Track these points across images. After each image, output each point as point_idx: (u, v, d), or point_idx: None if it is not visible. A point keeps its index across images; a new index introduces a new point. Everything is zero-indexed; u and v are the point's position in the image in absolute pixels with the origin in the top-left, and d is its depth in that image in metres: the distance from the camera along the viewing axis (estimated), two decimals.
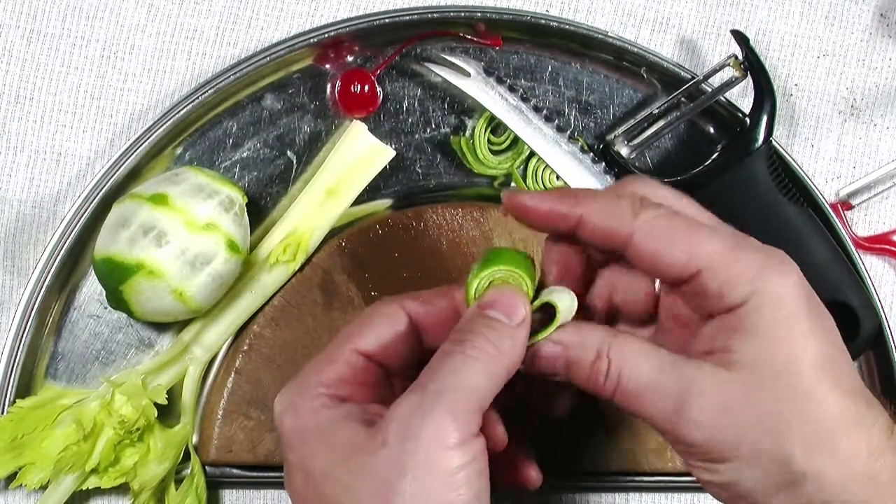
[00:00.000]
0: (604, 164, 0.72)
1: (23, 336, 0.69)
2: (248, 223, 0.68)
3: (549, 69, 0.73)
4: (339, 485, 0.50)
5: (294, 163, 0.72)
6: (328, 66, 0.72)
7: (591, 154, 0.72)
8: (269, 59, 0.70)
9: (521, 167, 0.73)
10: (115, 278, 0.65)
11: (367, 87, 0.71)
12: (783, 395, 0.50)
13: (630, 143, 0.72)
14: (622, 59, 0.73)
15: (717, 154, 0.70)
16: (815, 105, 0.75)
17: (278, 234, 0.70)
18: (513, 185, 0.72)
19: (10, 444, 0.66)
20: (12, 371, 0.68)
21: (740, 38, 0.70)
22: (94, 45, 0.72)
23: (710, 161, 0.70)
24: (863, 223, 0.75)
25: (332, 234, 0.71)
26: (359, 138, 0.70)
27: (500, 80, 0.72)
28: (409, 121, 0.72)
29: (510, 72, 0.73)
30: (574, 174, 0.72)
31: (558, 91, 0.73)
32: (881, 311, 0.71)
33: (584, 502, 0.73)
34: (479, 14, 0.71)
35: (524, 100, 0.72)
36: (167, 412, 0.69)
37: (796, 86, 0.75)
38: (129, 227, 0.64)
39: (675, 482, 0.72)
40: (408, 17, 0.71)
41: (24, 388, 0.69)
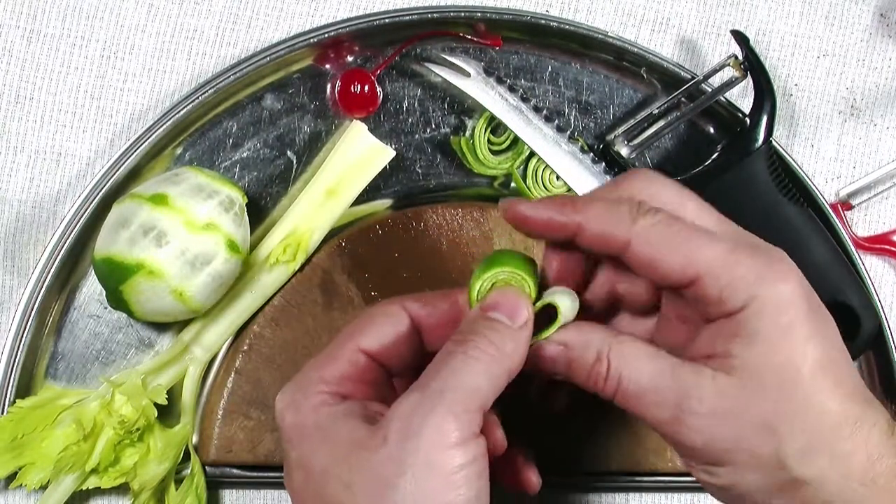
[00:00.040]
0: (604, 164, 0.72)
1: (23, 336, 0.69)
2: (248, 223, 0.68)
3: (549, 69, 0.73)
4: (339, 482, 0.50)
5: (294, 163, 0.72)
6: (328, 66, 0.72)
7: (591, 154, 0.72)
8: (269, 59, 0.70)
9: (521, 167, 0.73)
10: (115, 278, 0.65)
11: (367, 87, 0.71)
12: (783, 400, 0.50)
13: (630, 143, 0.72)
14: (622, 59, 0.73)
15: (717, 154, 0.70)
16: (815, 105, 0.75)
17: (278, 234, 0.70)
18: (513, 185, 0.72)
19: (10, 444, 0.66)
20: (12, 371, 0.68)
21: (740, 38, 0.70)
22: (94, 45, 0.72)
23: (710, 161, 0.70)
24: (863, 223, 0.75)
25: (332, 234, 0.71)
26: (359, 138, 0.70)
27: (500, 80, 0.72)
28: (409, 121, 0.72)
29: (510, 72, 0.73)
30: (574, 174, 0.72)
31: (558, 91, 0.73)
32: (881, 311, 0.71)
33: (584, 502, 0.73)
34: (479, 14, 0.71)
35: (524, 100, 0.72)
36: (167, 412, 0.69)
37: (796, 86, 0.74)
38: (129, 227, 0.64)
39: (675, 482, 0.72)
40: (408, 17, 0.71)
41: (24, 388, 0.69)
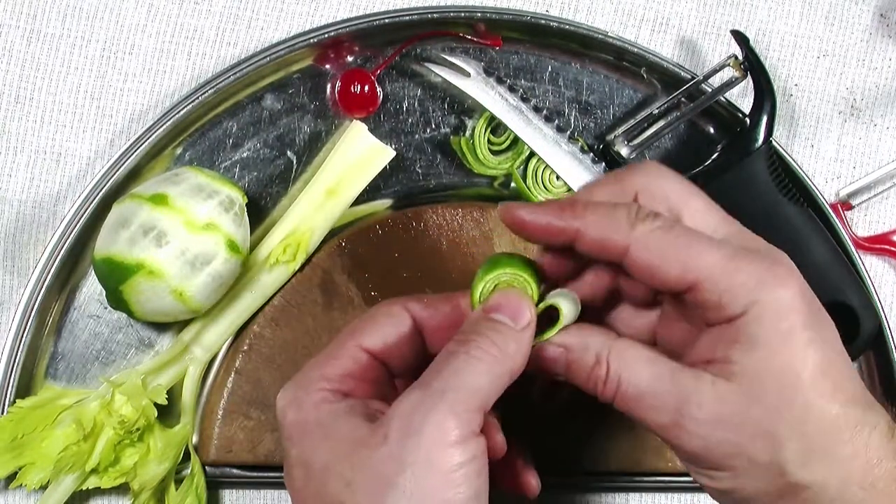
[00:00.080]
0: (604, 164, 0.72)
1: (23, 336, 0.69)
2: (248, 223, 0.68)
3: (549, 69, 0.73)
4: (340, 480, 0.50)
5: (294, 163, 0.72)
6: (328, 66, 0.72)
7: (591, 154, 0.72)
8: (269, 59, 0.70)
9: (521, 167, 0.73)
10: (115, 278, 0.65)
11: (367, 87, 0.71)
12: (783, 405, 0.50)
13: (630, 143, 0.72)
14: (622, 59, 0.73)
15: (717, 154, 0.70)
16: (815, 105, 0.75)
17: (278, 234, 0.70)
18: (513, 185, 0.72)
19: (10, 444, 0.66)
20: (12, 371, 0.68)
21: (740, 38, 0.70)
22: (94, 45, 0.72)
23: (710, 161, 0.70)
24: (863, 223, 0.75)
25: (332, 234, 0.71)
26: (359, 138, 0.70)
27: (500, 80, 0.72)
28: (409, 121, 0.72)
29: (510, 72, 0.73)
30: (574, 174, 0.72)
31: (558, 91, 0.73)
32: (881, 311, 0.71)
33: (584, 502, 0.73)
34: (479, 14, 0.71)
35: (524, 100, 0.72)
36: (167, 412, 0.69)
37: (796, 86, 0.74)
38: (129, 227, 0.64)
39: (675, 482, 0.72)
40: (408, 17, 0.71)
41: (24, 388, 0.69)
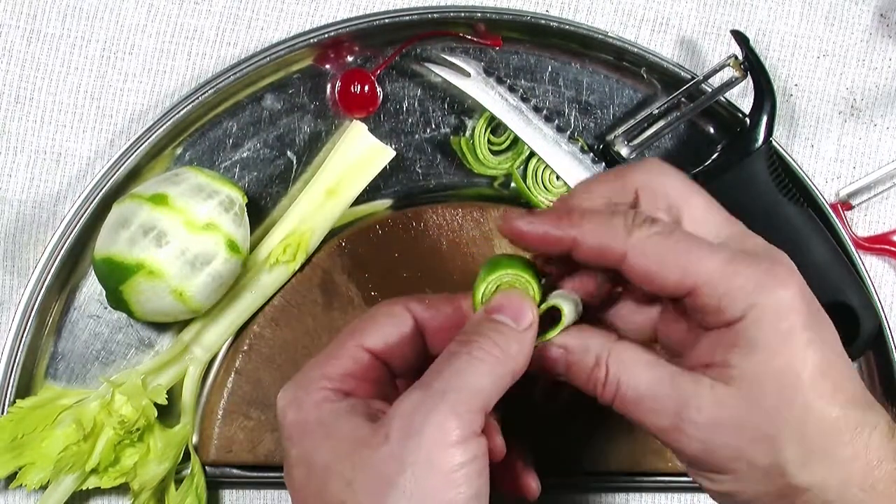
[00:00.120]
0: (604, 164, 0.72)
1: (23, 336, 0.69)
2: (248, 223, 0.68)
3: (549, 69, 0.73)
4: (340, 479, 0.50)
5: (294, 163, 0.72)
6: (328, 66, 0.72)
7: (591, 154, 0.72)
8: (269, 59, 0.70)
9: (521, 167, 0.73)
10: (115, 278, 0.65)
11: (367, 87, 0.71)
12: (782, 407, 0.50)
13: (630, 144, 0.72)
14: (622, 60, 0.73)
15: (717, 154, 0.70)
16: (815, 105, 0.75)
17: (278, 234, 0.70)
18: (513, 185, 0.72)
19: (10, 444, 0.66)
20: (12, 371, 0.68)
21: (740, 38, 0.70)
22: (94, 45, 0.72)
23: (710, 161, 0.70)
24: (863, 223, 0.75)
25: (332, 234, 0.71)
26: (359, 138, 0.70)
27: (500, 81, 0.72)
28: (409, 121, 0.72)
29: (510, 72, 0.73)
30: (574, 174, 0.72)
31: (558, 91, 0.73)
32: (881, 311, 0.71)
33: (584, 502, 0.73)
34: (479, 14, 0.71)
35: (524, 100, 0.72)
36: (167, 412, 0.69)
37: (796, 86, 0.74)
38: (129, 227, 0.64)
39: (675, 482, 0.72)
40: (408, 17, 0.71)
41: (24, 388, 0.69)
